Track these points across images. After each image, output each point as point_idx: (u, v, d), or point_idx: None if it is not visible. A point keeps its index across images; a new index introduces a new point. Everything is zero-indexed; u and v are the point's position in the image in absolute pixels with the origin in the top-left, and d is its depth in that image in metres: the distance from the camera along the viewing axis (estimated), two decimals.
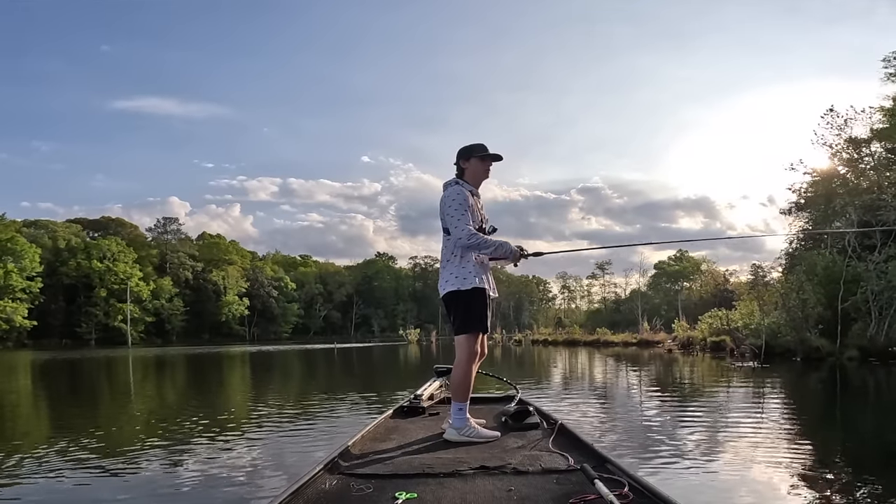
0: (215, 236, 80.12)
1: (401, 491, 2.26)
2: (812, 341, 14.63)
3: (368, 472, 2.55)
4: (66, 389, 13.22)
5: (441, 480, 2.45)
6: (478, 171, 3.35)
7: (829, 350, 14.48)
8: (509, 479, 2.47)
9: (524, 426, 3.48)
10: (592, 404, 8.31)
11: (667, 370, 14.55)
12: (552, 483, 2.39)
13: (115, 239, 65.57)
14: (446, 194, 3.27)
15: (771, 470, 4.33)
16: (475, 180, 3.36)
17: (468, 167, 3.33)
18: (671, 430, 6.04)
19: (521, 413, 3.64)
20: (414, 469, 2.61)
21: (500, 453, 2.90)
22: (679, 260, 67.99)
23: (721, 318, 20.23)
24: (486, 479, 2.47)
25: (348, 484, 2.39)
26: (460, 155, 3.35)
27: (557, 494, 2.23)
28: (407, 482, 2.42)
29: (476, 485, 2.40)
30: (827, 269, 15.12)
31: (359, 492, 2.30)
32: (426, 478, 2.49)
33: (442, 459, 2.79)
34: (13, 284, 53.03)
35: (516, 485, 2.38)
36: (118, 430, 6.80)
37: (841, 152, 23.04)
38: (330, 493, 2.29)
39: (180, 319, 68.27)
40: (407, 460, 2.78)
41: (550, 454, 2.84)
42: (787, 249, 26.49)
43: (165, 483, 4.14)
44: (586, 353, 24.59)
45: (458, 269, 3.23)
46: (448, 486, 2.37)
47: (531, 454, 2.86)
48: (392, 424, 3.71)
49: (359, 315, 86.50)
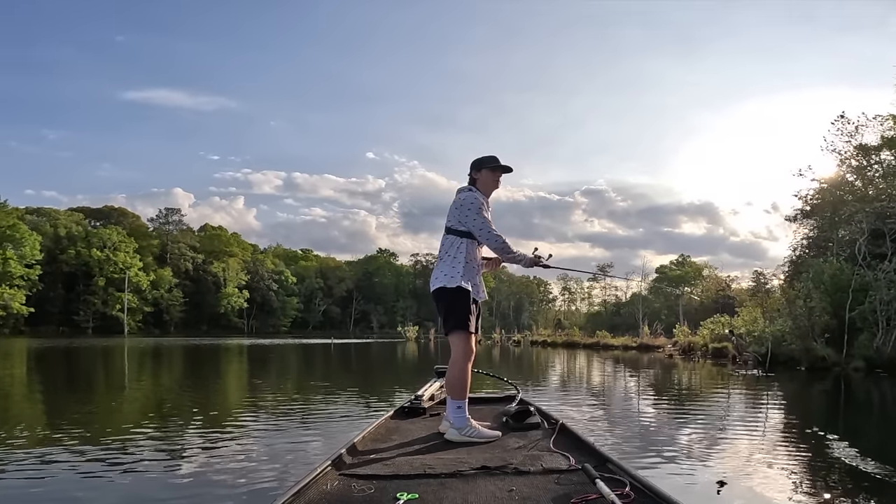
0: (217, 228, 80.00)
1: (402, 492, 2.26)
2: (817, 350, 14.34)
3: (370, 473, 2.55)
4: (61, 378, 13.08)
5: (442, 481, 2.45)
6: (488, 182, 3.55)
7: (835, 360, 14.18)
8: (510, 480, 2.46)
9: (525, 426, 3.49)
10: (593, 406, 8.14)
11: (668, 375, 14.33)
12: (553, 483, 2.39)
13: (115, 228, 65.47)
14: (464, 197, 3.44)
15: (771, 474, 4.25)
16: (486, 190, 3.54)
17: (480, 178, 3.54)
18: (673, 433, 5.91)
19: (522, 413, 3.65)
20: (415, 470, 2.60)
21: (502, 453, 2.90)
22: (681, 265, 67.78)
23: (724, 324, 19.95)
24: (487, 480, 2.47)
25: (350, 485, 2.39)
26: (473, 166, 3.56)
27: (559, 494, 2.23)
28: (408, 483, 2.42)
29: (477, 485, 2.39)
30: (834, 277, 14.83)
31: (360, 493, 2.29)
32: (427, 478, 2.49)
33: (443, 460, 2.78)
34: (12, 271, 52.91)
35: (518, 485, 2.37)
36: (111, 423, 6.66)
37: (850, 159, 22.80)
38: (332, 493, 2.28)
39: (179, 310, 68.18)
40: (408, 461, 2.77)
41: (552, 454, 2.84)
42: (791, 257, 26.29)
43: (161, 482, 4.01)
44: (585, 355, 24.37)
45: (449, 268, 3.38)
46: (449, 487, 2.37)
47: (532, 454, 2.87)
48: (393, 425, 3.72)
49: (358, 311, 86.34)
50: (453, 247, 3.41)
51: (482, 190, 3.52)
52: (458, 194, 3.50)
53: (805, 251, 24.19)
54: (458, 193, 3.50)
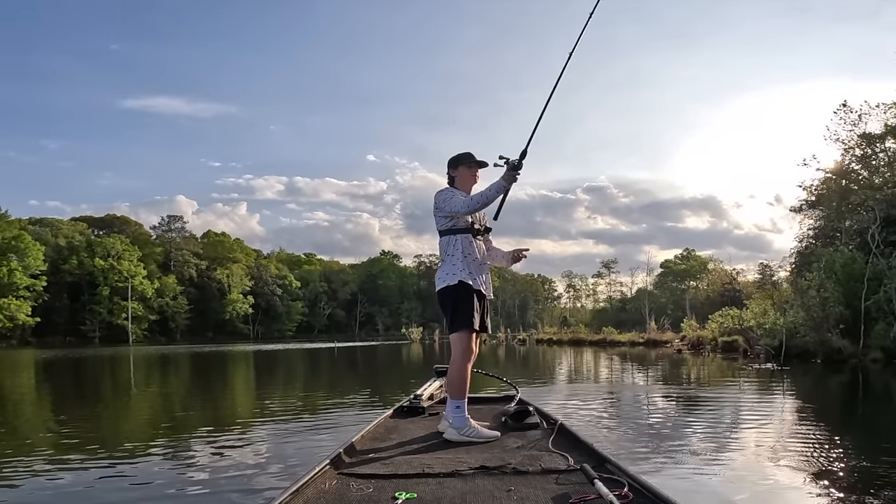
0: (220, 234, 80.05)
1: (401, 491, 2.25)
2: (833, 342, 14.04)
3: (368, 472, 2.54)
4: (69, 387, 13.17)
5: (441, 480, 2.44)
6: (466, 178, 3.56)
7: (851, 351, 13.88)
8: (509, 479, 2.45)
9: (524, 426, 3.48)
10: (599, 405, 7.97)
11: (677, 371, 14.13)
12: (552, 483, 2.38)
13: (119, 237, 65.53)
14: (437, 198, 3.49)
15: (778, 472, 4.07)
16: (465, 187, 3.55)
17: (457, 175, 3.57)
18: (681, 431, 5.76)
19: (521, 413, 3.64)
20: (414, 469, 2.60)
21: (500, 453, 2.90)
22: (686, 259, 67.43)
23: (733, 317, 19.69)
24: (485, 479, 2.46)
25: (348, 484, 2.38)
26: (450, 164, 3.60)
27: (557, 494, 2.22)
28: (407, 482, 2.41)
29: (476, 485, 2.38)
30: (846, 267, 14.55)
31: (358, 492, 2.27)
32: (426, 478, 2.48)
33: (442, 459, 2.78)
34: (17, 282, 53.02)
35: (516, 485, 2.36)
36: (117, 428, 6.73)
37: (854, 148, 22.56)
38: (330, 493, 2.27)
39: (184, 318, 68.19)
40: (407, 460, 2.77)
41: (550, 454, 2.83)
42: (798, 248, 26.01)
43: (159, 483, 4.04)
44: (592, 352, 24.18)
45: (449, 266, 3.40)
46: (448, 486, 2.36)
47: (531, 454, 2.86)
48: (392, 424, 3.71)
49: (363, 313, 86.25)
50: (450, 245, 3.45)
51: (461, 187, 3.54)
52: (435, 198, 3.54)
53: (812, 242, 23.97)
54: (435, 197, 3.53)
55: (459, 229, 3.44)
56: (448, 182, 3.61)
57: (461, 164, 3.56)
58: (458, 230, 3.44)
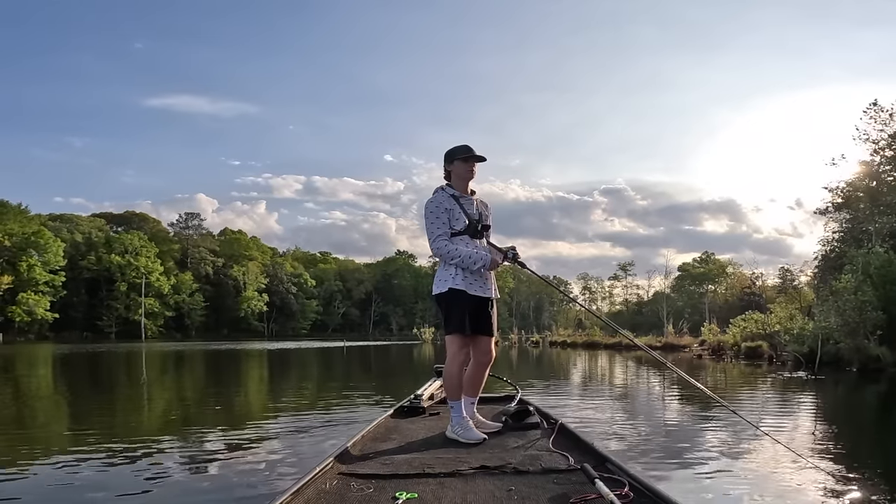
0: (236, 232, 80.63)
1: (401, 491, 2.25)
2: (870, 349, 13.18)
3: (369, 472, 2.53)
4: (85, 382, 13.37)
5: (441, 480, 2.44)
6: (462, 173, 3.43)
7: (891, 360, 13.00)
8: (510, 479, 2.45)
9: (524, 426, 3.48)
10: (605, 406, 7.66)
11: (697, 377, 13.53)
12: (552, 483, 2.38)
13: (137, 233, 66.22)
14: (425, 205, 3.41)
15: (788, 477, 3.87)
16: (460, 181, 3.45)
17: (453, 169, 3.45)
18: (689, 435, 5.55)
19: (522, 413, 3.64)
20: (414, 469, 2.60)
21: (501, 453, 2.90)
22: (704, 262, 66.24)
23: (757, 321, 18.94)
24: (486, 479, 2.46)
25: (349, 484, 2.38)
26: (446, 158, 3.47)
27: (557, 494, 2.22)
28: (407, 482, 2.41)
29: (476, 484, 2.38)
30: (882, 269, 13.75)
31: (359, 491, 2.28)
32: (426, 478, 2.48)
33: (442, 459, 2.78)
34: (36, 277, 53.77)
35: (516, 484, 2.36)
36: (126, 425, 6.81)
37: (885, 149, 21.74)
38: (330, 493, 2.27)
39: (200, 314, 68.74)
40: (407, 460, 2.77)
41: (551, 454, 2.83)
42: (822, 251, 25.15)
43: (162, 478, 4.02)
44: (607, 356, 23.58)
45: (443, 272, 3.37)
46: (448, 486, 2.36)
47: (531, 454, 2.86)
48: (392, 424, 3.72)
49: (377, 313, 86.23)
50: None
51: (456, 183, 3.44)
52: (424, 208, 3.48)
53: (837, 245, 23.13)
54: (424, 208, 3.47)
55: (457, 232, 3.34)
56: (444, 177, 3.51)
57: (456, 157, 3.41)
58: (456, 233, 3.34)
